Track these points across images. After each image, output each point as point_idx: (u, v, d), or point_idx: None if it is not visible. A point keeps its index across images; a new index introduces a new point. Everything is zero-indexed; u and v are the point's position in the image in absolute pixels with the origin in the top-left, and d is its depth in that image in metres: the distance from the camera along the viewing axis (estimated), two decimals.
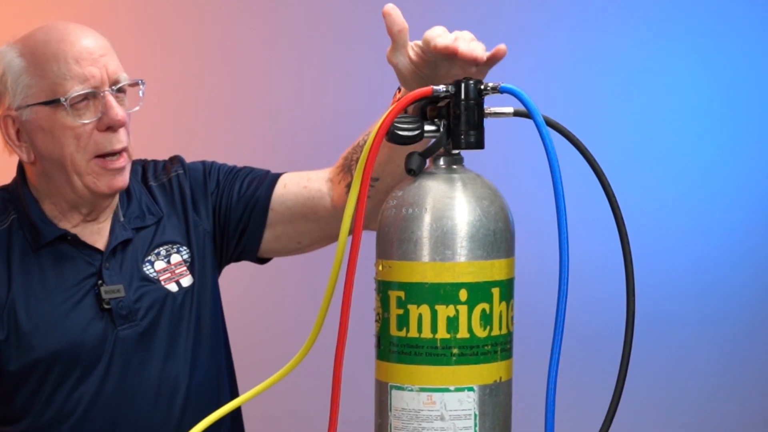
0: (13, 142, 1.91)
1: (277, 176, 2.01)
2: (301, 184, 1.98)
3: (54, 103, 1.85)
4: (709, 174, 3.39)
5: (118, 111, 1.86)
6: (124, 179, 1.90)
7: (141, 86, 1.91)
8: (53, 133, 1.86)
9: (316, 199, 1.96)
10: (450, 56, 1.51)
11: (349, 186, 1.69)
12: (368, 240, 1.30)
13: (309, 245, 2.03)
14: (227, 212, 2.01)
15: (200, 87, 3.24)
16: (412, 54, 1.58)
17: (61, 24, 1.90)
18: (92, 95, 1.85)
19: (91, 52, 1.86)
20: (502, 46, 1.53)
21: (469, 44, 1.50)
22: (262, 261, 2.07)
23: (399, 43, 1.58)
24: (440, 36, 1.52)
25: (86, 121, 1.85)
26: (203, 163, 2.05)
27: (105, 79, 1.86)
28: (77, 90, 1.84)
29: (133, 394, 1.90)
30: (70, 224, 1.93)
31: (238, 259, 2.05)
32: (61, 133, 1.86)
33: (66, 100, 1.84)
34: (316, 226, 1.98)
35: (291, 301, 3.23)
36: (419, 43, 1.57)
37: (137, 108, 1.91)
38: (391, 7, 1.57)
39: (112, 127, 1.86)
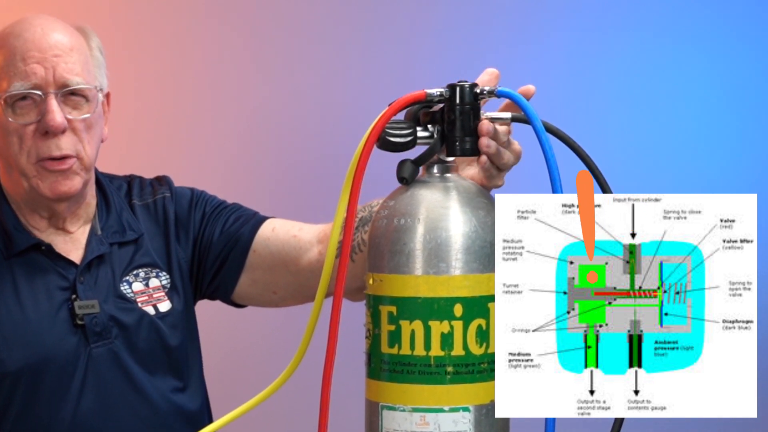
0: None
1: (265, 218, 1.98)
2: (290, 232, 1.95)
3: None
4: (713, 179, 3.37)
5: (55, 116, 1.80)
6: (70, 185, 1.84)
7: (98, 93, 1.86)
8: (0, 130, 1.83)
9: (302, 249, 1.92)
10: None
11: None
12: None
13: (284, 299, 1.99)
14: (208, 245, 1.97)
15: (183, 90, 3.21)
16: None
17: (34, 18, 1.86)
18: (36, 96, 1.81)
19: (42, 50, 1.82)
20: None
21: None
22: (238, 306, 2.04)
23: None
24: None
25: (24, 122, 1.81)
26: (192, 190, 2.02)
27: (50, 80, 1.81)
28: (16, 87, 1.81)
29: (109, 415, 1.86)
30: (38, 230, 1.89)
31: (212, 297, 2.02)
32: (4, 130, 1.83)
33: (1, 97, 1.81)
34: (295, 280, 1.94)
35: (278, 316, 3.19)
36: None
37: (87, 115, 1.83)
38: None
39: (48, 132, 1.81)
